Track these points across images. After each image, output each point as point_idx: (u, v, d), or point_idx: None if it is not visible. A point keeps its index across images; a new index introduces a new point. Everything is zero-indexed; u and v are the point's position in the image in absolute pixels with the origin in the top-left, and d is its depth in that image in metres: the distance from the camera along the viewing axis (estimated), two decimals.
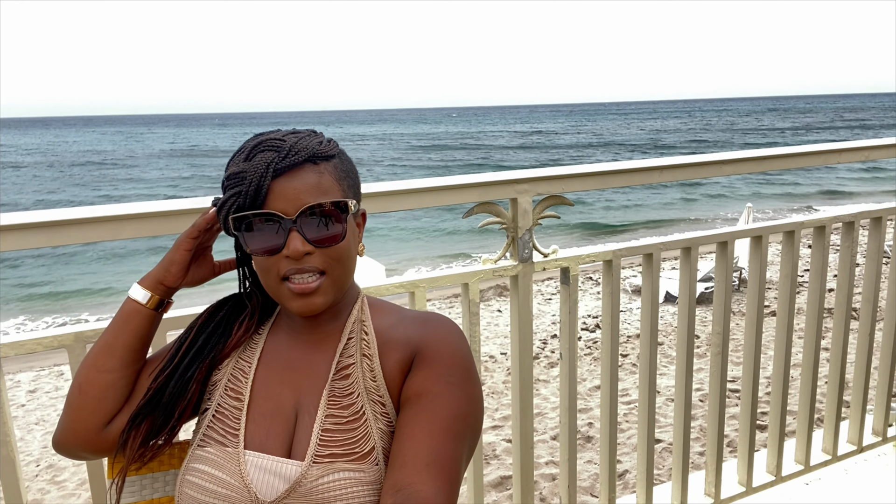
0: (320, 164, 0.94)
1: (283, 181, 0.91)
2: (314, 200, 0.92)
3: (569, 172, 1.71)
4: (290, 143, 0.93)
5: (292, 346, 1.03)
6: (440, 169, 37.70)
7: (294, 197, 0.91)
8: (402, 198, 1.53)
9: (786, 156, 2.06)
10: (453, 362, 0.97)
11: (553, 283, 11.11)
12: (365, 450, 0.94)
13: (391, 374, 0.98)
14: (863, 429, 2.39)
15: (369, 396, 0.97)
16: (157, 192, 31.02)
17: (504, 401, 6.37)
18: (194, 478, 0.95)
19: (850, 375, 2.41)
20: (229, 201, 0.93)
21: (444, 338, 0.99)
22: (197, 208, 1.30)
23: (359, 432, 0.95)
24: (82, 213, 1.26)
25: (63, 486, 5.32)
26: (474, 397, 0.97)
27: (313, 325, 1.03)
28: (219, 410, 1.00)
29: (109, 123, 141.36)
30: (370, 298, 1.09)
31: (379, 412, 0.97)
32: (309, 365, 1.01)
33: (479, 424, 0.98)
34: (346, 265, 0.97)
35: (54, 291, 15.00)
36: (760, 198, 22.86)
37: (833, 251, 9.27)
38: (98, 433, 1.01)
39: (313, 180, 0.93)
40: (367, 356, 1.00)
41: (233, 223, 0.94)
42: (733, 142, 48.92)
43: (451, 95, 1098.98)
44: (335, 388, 0.98)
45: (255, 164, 0.91)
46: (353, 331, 1.02)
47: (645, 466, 1.98)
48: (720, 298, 2.01)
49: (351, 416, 0.96)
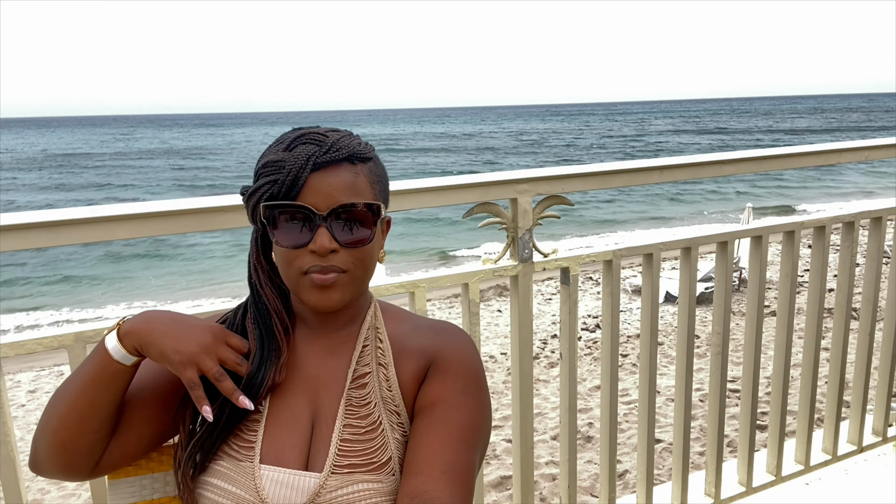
0: (357, 165, 0.94)
1: (320, 176, 0.91)
2: (347, 199, 0.91)
3: (569, 172, 1.71)
4: (332, 140, 0.93)
5: (307, 353, 1.02)
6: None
7: (328, 193, 0.91)
8: (402, 198, 1.53)
9: (786, 156, 2.06)
10: (467, 373, 0.99)
11: (553, 283, 11.11)
12: (382, 459, 0.94)
13: (406, 384, 0.99)
14: (863, 429, 2.39)
15: (386, 406, 0.98)
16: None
17: (504, 401, 6.37)
18: (208, 492, 0.94)
19: (850, 375, 2.41)
20: (263, 188, 0.92)
21: (458, 348, 1.01)
22: (198, 208, 1.30)
23: (376, 442, 0.95)
24: (82, 213, 1.26)
25: (63, 487, 5.32)
26: (486, 407, 1.00)
27: (328, 331, 1.02)
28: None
29: (92, 124, 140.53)
30: (382, 304, 1.08)
31: (395, 422, 0.97)
32: (325, 373, 1.00)
33: (490, 432, 1.01)
34: (367, 267, 0.97)
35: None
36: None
37: (833, 251, 9.26)
38: (89, 472, 0.98)
39: (349, 179, 0.92)
40: (382, 365, 1.00)
41: (263, 211, 0.93)
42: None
43: (445, 96, 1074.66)
44: (352, 397, 0.98)
45: (296, 155, 0.91)
46: (368, 338, 1.02)
47: (645, 466, 1.98)
48: (720, 298, 2.01)
49: (368, 426, 0.96)
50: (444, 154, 47.39)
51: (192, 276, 16.02)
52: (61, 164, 45.84)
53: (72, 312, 13.40)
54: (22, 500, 1.30)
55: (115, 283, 15.67)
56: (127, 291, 14.82)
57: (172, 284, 15.28)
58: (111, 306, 13.54)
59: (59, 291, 15.00)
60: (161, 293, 14.57)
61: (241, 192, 0.99)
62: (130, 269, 16.91)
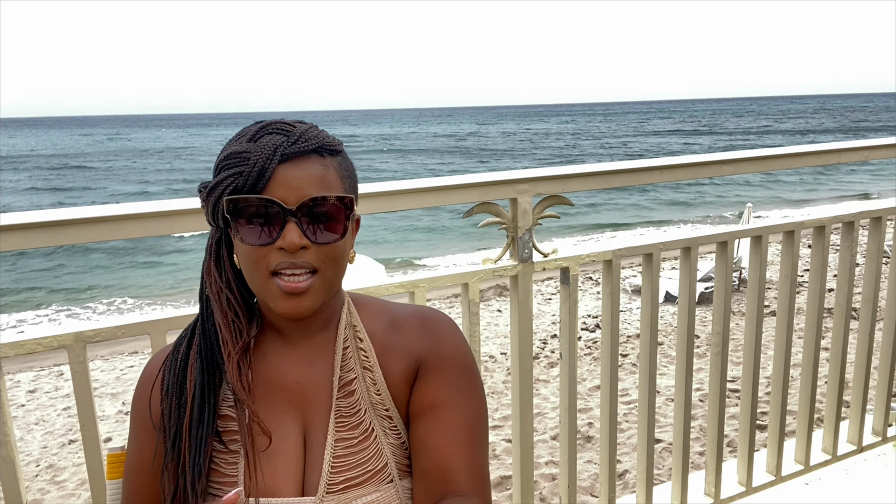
0: (327, 158, 0.88)
1: (287, 168, 0.85)
2: (317, 193, 0.85)
3: (569, 172, 1.71)
4: (299, 131, 0.87)
5: (285, 367, 0.94)
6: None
7: (297, 186, 0.84)
8: (403, 198, 1.53)
9: (786, 156, 2.06)
10: (461, 365, 0.97)
11: (553, 283, 11.11)
12: (378, 466, 0.91)
13: (395, 385, 0.95)
14: (863, 429, 2.39)
15: (376, 412, 0.93)
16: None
17: (504, 401, 6.37)
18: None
19: (850, 375, 2.41)
20: (226, 181, 0.85)
21: (447, 340, 0.97)
22: (197, 208, 1.30)
23: (370, 450, 0.91)
24: (82, 213, 1.26)
25: (63, 486, 5.32)
26: (482, 395, 0.98)
27: (304, 338, 0.95)
28: (212, 460, 0.91)
29: (80, 125, 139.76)
30: (354, 296, 1.02)
31: (387, 427, 0.94)
32: (309, 386, 0.93)
33: (488, 417, 1.00)
34: (339, 266, 0.90)
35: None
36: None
37: (833, 251, 9.26)
38: None
39: (319, 172, 0.86)
40: (367, 368, 0.95)
41: (226, 206, 0.85)
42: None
43: (440, 96, 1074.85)
44: (341, 407, 0.92)
45: (262, 146, 0.84)
46: (348, 338, 0.96)
47: (645, 466, 1.98)
48: (720, 298, 2.01)
49: (360, 434, 0.92)
50: (439, 155, 47.33)
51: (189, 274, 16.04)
52: (53, 167, 45.73)
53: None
54: (22, 500, 1.30)
55: (115, 282, 15.68)
56: (127, 291, 14.83)
57: (162, 283, 15.33)
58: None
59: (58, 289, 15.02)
60: (159, 292, 14.59)
61: (199, 188, 0.90)
62: (127, 267, 16.93)
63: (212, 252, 0.94)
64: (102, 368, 8.13)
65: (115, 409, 6.76)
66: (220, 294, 0.92)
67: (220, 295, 0.92)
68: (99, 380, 7.66)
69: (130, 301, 13.86)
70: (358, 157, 44.34)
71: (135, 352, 8.69)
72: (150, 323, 1.34)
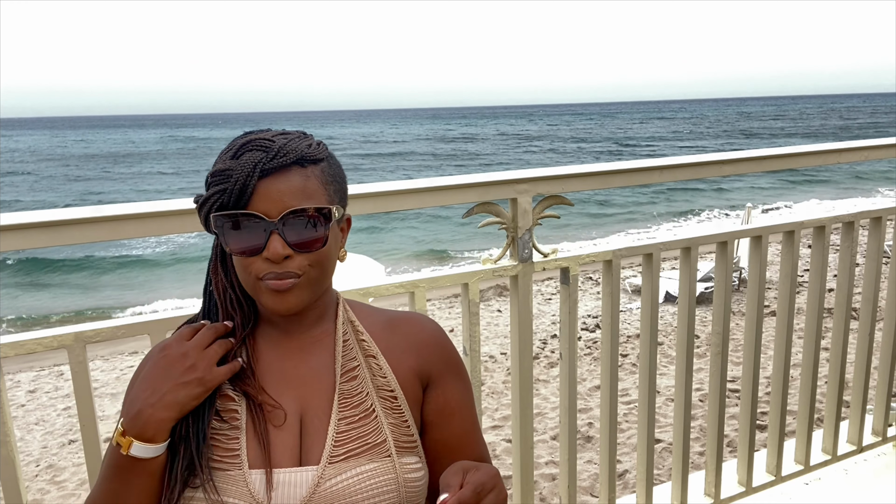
0: (308, 168, 0.94)
1: (268, 182, 0.91)
2: (298, 204, 0.91)
3: (569, 172, 1.71)
4: (279, 145, 0.92)
5: (282, 354, 1.01)
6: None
7: (278, 199, 0.90)
8: (403, 198, 1.53)
9: (786, 156, 2.06)
10: (460, 369, 1.09)
11: (553, 283, 11.10)
12: (377, 441, 0.97)
13: (403, 375, 1.03)
14: (863, 429, 2.39)
15: (378, 394, 1.00)
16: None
17: (504, 401, 6.37)
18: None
19: (850, 375, 2.41)
20: (212, 198, 0.92)
21: (446, 345, 1.08)
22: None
23: (370, 426, 0.98)
24: (82, 213, 1.26)
25: (63, 486, 5.31)
26: (470, 380, 1.14)
27: (299, 331, 1.02)
28: (213, 436, 0.96)
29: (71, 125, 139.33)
30: (347, 300, 1.09)
31: (389, 407, 1.00)
32: (307, 371, 1.00)
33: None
34: (325, 268, 0.97)
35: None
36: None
37: (833, 251, 9.26)
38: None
39: (299, 183, 0.92)
40: (372, 356, 1.02)
41: (214, 221, 0.93)
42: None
43: (439, 96, 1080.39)
44: (344, 390, 0.99)
45: (243, 163, 0.90)
46: (347, 332, 1.03)
47: (645, 466, 1.98)
48: (720, 298, 2.01)
49: (361, 413, 0.98)
50: (431, 158, 47.18)
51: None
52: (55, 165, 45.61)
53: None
54: (22, 500, 1.30)
55: (114, 280, 15.69)
56: (125, 291, 14.84)
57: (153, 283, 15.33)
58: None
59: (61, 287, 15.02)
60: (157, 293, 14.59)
61: (194, 200, 0.98)
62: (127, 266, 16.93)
63: (217, 253, 1.02)
64: (102, 368, 8.13)
65: (115, 409, 6.76)
66: (225, 292, 1.01)
67: (226, 293, 1.01)
68: (99, 380, 7.65)
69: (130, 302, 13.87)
70: (358, 156, 44.24)
71: (135, 352, 8.69)
72: (150, 323, 1.34)
